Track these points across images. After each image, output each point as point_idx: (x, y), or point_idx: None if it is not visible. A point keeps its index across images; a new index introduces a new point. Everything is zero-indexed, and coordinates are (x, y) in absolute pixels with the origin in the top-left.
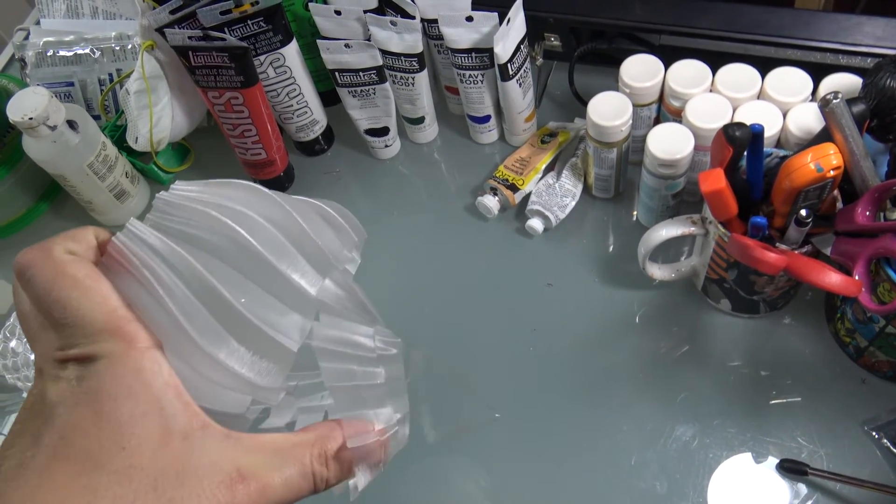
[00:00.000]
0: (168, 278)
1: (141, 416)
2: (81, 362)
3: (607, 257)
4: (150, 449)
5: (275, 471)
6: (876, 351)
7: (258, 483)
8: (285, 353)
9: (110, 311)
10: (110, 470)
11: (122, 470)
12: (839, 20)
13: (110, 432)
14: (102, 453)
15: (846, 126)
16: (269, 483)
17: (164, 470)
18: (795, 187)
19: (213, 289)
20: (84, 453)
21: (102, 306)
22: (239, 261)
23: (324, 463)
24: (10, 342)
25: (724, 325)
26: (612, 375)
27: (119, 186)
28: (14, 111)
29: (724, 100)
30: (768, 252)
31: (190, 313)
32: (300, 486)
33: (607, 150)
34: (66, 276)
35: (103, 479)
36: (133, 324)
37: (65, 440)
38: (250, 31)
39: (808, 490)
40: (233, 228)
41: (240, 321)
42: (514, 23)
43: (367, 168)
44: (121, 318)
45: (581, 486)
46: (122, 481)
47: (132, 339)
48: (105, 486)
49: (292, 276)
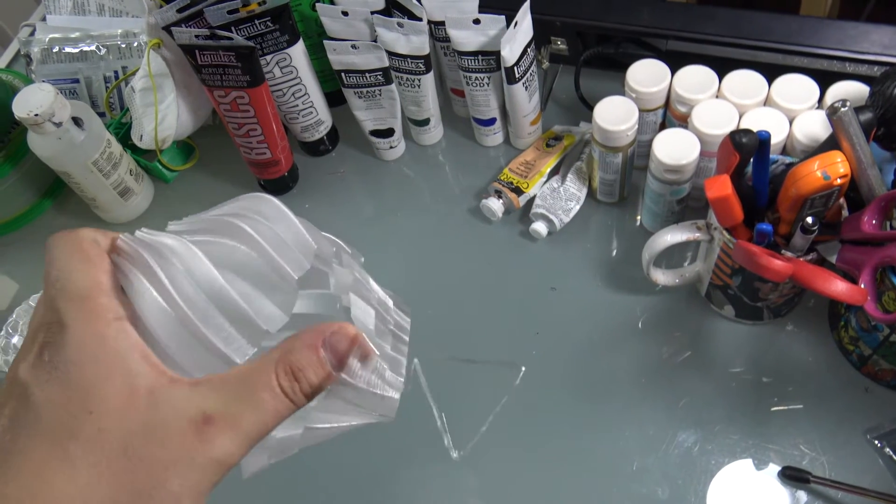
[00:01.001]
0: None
1: (105, 378)
2: (50, 328)
3: (611, 262)
4: (116, 409)
5: (242, 402)
6: (880, 360)
7: (226, 420)
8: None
9: (91, 285)
10: (82, 438)
11: (93, 435)
12: (846, 28)
13: (78, 399)
14: (74, 422)
15: (854, 134)
16: (238, 416)
17: (131, 429)
18: (802, 195)
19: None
20: (58, 425)
21: (87, 279)
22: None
23: (290, 377)
24: (11, 338)
25: (727, 332)
26: (615, 380)
27: (123, 184)
28: (19, 107)
29: (730, 106)
30: (774, 259)
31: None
32: (274, 408)
33: (612, 155)
34: (77, 248)
35: (78, 448)
36: (107, 298)
37: (39, 417)
38: (257, 30)
39: (809, 498)
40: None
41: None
42: (522, 26)
43: (372, 169)
44: (98, 292)
45: (582, 491)
46: (94, 447)
47: (101, 310)
48: (80, 456)
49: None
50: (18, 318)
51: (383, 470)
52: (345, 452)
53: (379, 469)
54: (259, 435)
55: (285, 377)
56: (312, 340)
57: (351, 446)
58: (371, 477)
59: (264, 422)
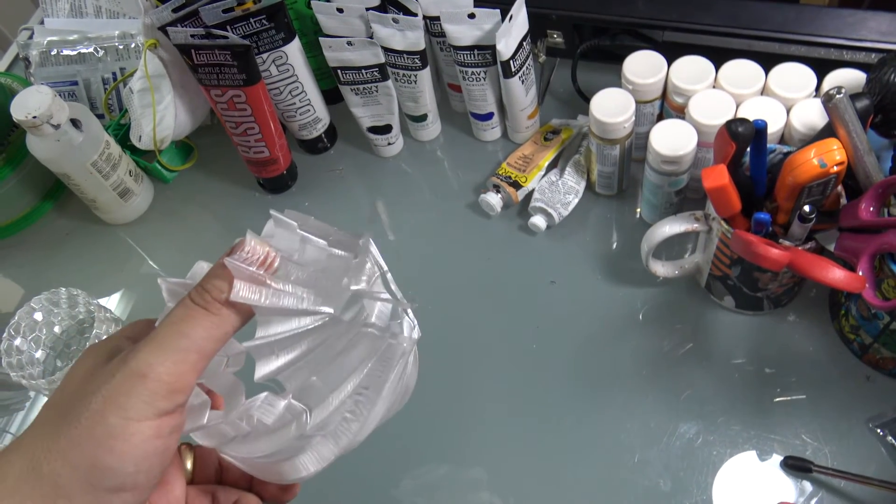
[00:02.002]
0: None
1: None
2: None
3: (610, 254)
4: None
5: (161, 327)
6: (880, 348)
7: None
8: None
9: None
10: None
11: (55, 404)
12: (843, 15)
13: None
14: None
15: (850, 121)
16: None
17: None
18: (799, 183)
19: None
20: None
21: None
22: None
23: (201, 288)
24: (14, 340)
25: (727, 323)
26: (616, 373)
27: (123, 185)
28: (18, 110)
29: (727, 96)
30: (771, 248)
31: None
32: (192, 317)
33: (610, 147)
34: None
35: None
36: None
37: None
38: (252, 28)
39: (812, 487)
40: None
41: None
42: (517, 20)
43: (370, 166)
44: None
45: (584, 484)
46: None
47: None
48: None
49: None
50: (20, 320)
51: (388, 471)
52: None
53: (385, 470)
54: (184, 345)
55: (194, 291)
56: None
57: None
58: (377, 476)
59: (182, 331)
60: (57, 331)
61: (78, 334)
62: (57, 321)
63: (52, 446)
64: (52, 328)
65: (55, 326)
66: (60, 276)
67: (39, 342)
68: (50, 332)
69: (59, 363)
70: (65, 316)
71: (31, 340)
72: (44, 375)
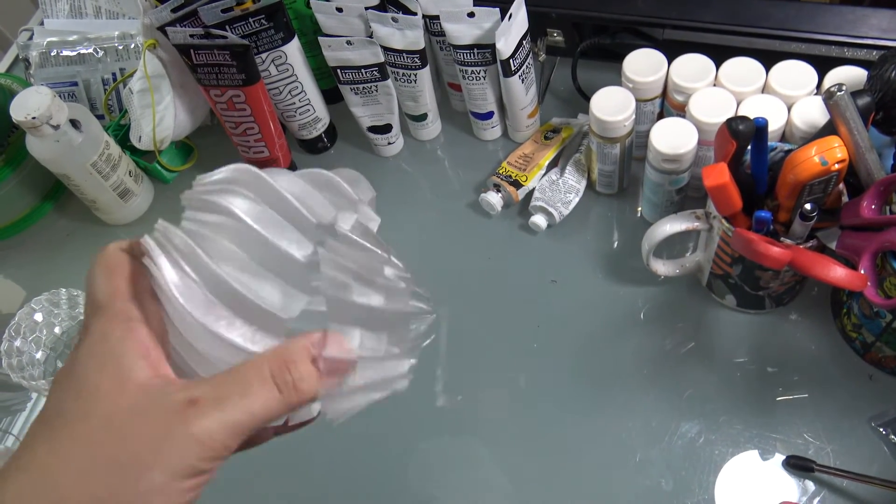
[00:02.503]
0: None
1: (97, 369)
2: (79, 336)
3: (611, 253)
4: (104, 394)
5: (231, 388)
6: (883, 346)
7: (211, 402)
8: (277, 323)
9: (110, 292)
10: (67, 415)
11: (78, 413)
12: (844, 12)
13: (72, 388)
14: (62, 404)
15: (851, 119)
16: (224, 399)
17: (116, 410)
18: (800, 181)
19: (207, 267)
20: (50, 409)
21: (107, 287)
22: (237, 237)
23: (285, 369)
24: (14, 341)
25: (729, 322)
26: (617, 372)
27: (123, 185)
28: (17, 111)
29: (727, 94)
30: (772, 246)
31: (187, 294)
32: (264, 396)
33: (610, 146)
34: (102, 261)
35: (62, 423)
36: (122, 302)
37: (43, 410)
38: (252, 28)
39: (814, 487)
40: (225, 208)
41: (235, 296)
42: (516, 18)
43: (371, 165)
44: (114, 298)
45: (585, 484)
46: (77, 423)
47: (114, 314)
48: (63, 430)
49: (280, 244)
50: (21, 321)
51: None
52: (356, 432)
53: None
54: (246, 421)
55: (277, 366)
56: (305, 340)
57: (361, 424)
58: (378, 478)
59: (251, 409)
60: (57, 331)
61: (78, 335)
62: (57, 322)
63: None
64: (52, 329)
65: (55, 327)
66: (61, 277)
67: (40, 343)
68: (50, 333)
69: (60, 364)
70: (65, 317)
71: (32, 341)
72: (44, 376)
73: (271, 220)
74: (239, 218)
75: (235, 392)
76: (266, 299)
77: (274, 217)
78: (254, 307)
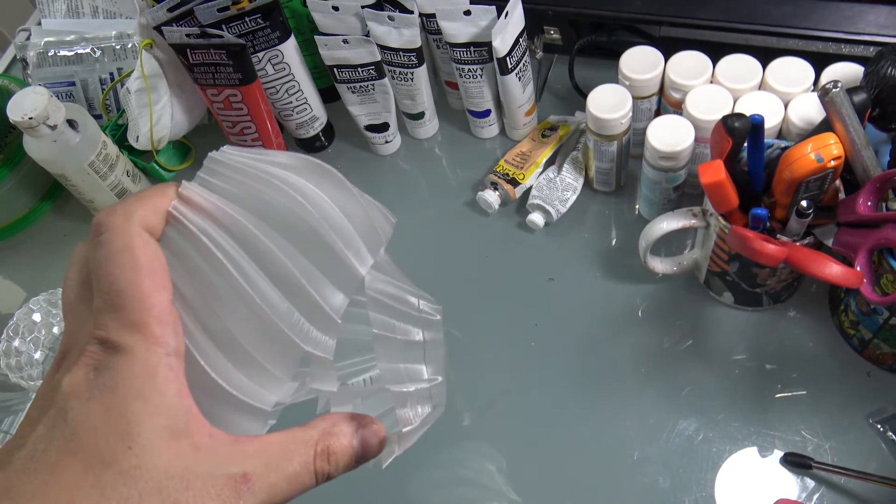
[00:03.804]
0: (231, 249)
1: (149, 417)
2: (104, 347)
3: (609, 251)
4: (156, 451)
5: (279, 469)
6: (880, 343)
7: (262, 482)
8: (332, 325)
9: (148, 308)
10: (117, 469)
11: (129, 470)
12: (841, 9)
13: (119, 431)
14: (110, 451)
15: (846, 115)
16: (273, 482)
17: (169, 472)
18: (796, 178)
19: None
20: (93, 450)
21: (144, 301)
22: (292, 231)
23: (325, 459)
24: (13, 341)
25: (727, 319)
26: (615, 370)
27: (120, 185)
28: (14, 111)
29: (724, 91)
30: (767, 243)
31: (250, 277)
32: (303, 482)
33: (607, 144)
34: (130, 255)
35: (110, 478)
36: (163, 327)
37: (76, 435)
38: (248, 27)
39: (813, 484)
40: (295, 200)
41: (298, 290)
42: (513, 16)
43: (368, 164)
44: (154, 318)
45: (583, 482)
46: (129, 481)
47: (156, 341)
48: (111, 486)
49: (349, 258)
50: (19, 321)
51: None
52: None
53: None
54: (282, 500)
55: (321, 458)
56: (351, 430)
57: None
58: (379, 475)
59: (290, 491)
60: (56, 331)
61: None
62: (56, 322)
63: None
64: (50, 329)
65: (54, 327)
66: (59, 278)
67: (38, 343)
68: (49, 333)
69: None
70: None
71: (30, 341)
72: (42, 376)
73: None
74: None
75: (283, 475)
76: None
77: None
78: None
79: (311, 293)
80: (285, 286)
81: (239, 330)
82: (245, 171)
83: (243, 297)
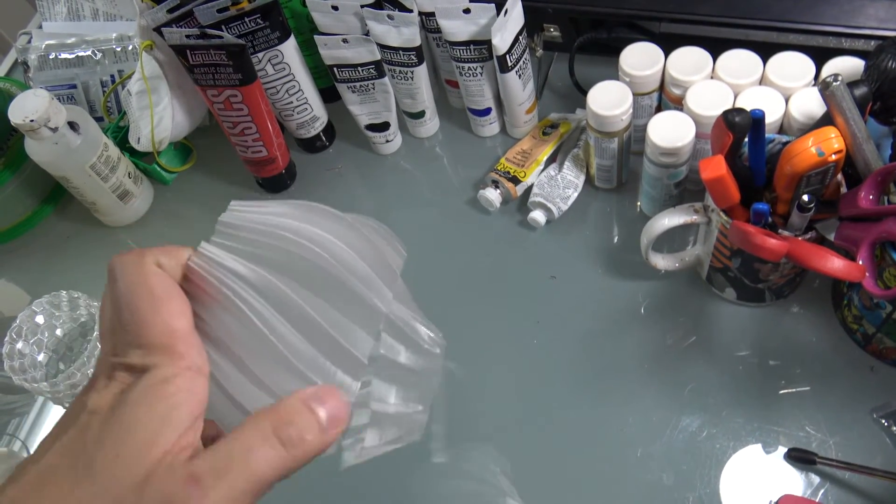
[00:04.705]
0: (254, 301)
1: (156, 427)
2: (131, 372)
3: (611, 248)
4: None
5: (231, 453)
6: (884, 338)
7: (213, 477)
8: (360, 368)
9: (170, 331)
10: (99, 480)
11: (107, 481)
12: (841, 3)
13: (118, 441)
14: (103, 462)
15: (847, 109)
16: (227, 469)
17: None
18: (797, 172)
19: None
20: (90, 463)
21: (165, 324)
22: (312, 280)
23: (287, 422)
24: (16, 343)
25: (730, 315)
26: (618, 367)
27: (122, 187)
28: (15, 114)
29: (725, 86)
30: (769, 238)
31: (281, 334)
32: (270, 456)
33: (608, 141)
34: (146, 285)
35: (92, 489)
36: (186, 346)
37: (86, 451)
38: (247, 28)
39: (818, 479)
40: (312, 251)
41: (326, 339)
42: (512, 14)
43: (369, 164)
44: (177, 339)
45: (586, 479)
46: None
47: (181, 356)
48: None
49: (370, 297)
50: (22, 323)
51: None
52: None
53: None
54: (252, 488)
55: (277, 421)
56: (300, 394)
57: None
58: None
59: (256, 474)
60: (59, 334)
61: (80, 336)
62: (59, 324)
63: None
64: (53, 331)
65: (57, 329)
66: (62, 280)
67: (41, 345)
68: (52, 335)
69: (62, 366)
70: (66, 319)
71: (34, 344)
72: (46, 378)
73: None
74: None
75: (238, 459)
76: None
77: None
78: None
79: (340, 341)
80: (311, 334)
81: (263, 370)
82: (253, 229)
83: (266, 343)
